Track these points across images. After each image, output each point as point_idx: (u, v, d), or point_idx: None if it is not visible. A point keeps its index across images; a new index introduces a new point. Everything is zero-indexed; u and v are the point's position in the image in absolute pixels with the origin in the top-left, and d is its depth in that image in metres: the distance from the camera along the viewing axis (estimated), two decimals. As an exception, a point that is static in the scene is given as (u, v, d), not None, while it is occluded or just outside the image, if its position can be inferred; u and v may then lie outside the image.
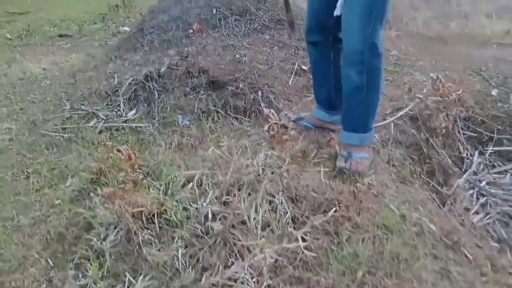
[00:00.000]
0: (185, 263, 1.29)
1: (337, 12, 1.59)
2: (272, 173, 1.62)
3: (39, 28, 4.28)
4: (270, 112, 1.71)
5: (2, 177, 1.77)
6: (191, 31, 2.68)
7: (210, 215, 1.40)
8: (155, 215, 1.42)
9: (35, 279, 1.27)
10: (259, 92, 2.29)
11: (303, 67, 2.53)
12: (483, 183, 1.96)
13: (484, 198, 1.88)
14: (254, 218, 1.40)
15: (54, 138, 2.05)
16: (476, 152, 2.10)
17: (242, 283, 1.23)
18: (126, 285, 1.25)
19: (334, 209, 1.48)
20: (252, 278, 1.24)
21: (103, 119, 2.20)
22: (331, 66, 1.80)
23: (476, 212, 1.81)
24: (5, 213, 1.55)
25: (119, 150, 1.50)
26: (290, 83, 2.40)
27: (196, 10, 2.79)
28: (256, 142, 1.89)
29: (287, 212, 1.43)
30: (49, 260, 1.33)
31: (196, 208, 1.45)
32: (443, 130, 2.04)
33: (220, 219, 1.40)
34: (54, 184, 1.71)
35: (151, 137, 2.03)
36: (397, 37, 3.09)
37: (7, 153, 1.95)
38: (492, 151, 2.11)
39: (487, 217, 1.80)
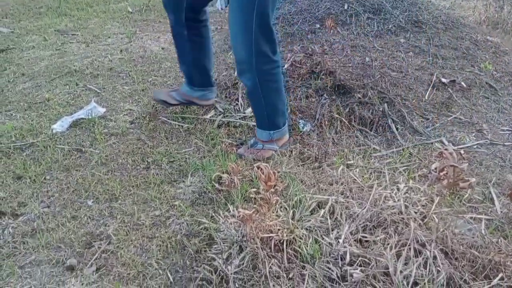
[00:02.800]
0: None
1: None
2: (416, 212, 1.32)
3: (158, 4, 4.29)
4: (448, 151, 1.38)
5: (123, 164, 1.69)
6: (318, 26, 2.40)
7: (348, 257, 1.16)
8: (284, 243, 1.21)
9: (155, 295, 1.14)
10: (390, 103, 1.96)
11: (443, 79, 2.13)
12: None
13: None
14: (401, 272, 1.12)
15: (174, 126, 1.94)
16: None
17: None
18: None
19: (500, 276, 1.15)
20: None
21: (221, 112, 2.04)
22: (187, 44, 1.80)
23: None
24: (125, 207, 1.46)
25: (259, 167, 1.30)
26: (426, 97, 2.03)
27: (326, 4, 2.49)
28: (391, 167, 1.59)
29: (440, 271, 1.14)
30: (169, 275, 1.19)
31: (330, 244, 1.21)
32: None
33: (359, 264, 1.15)
34: (174, 180, 1.59)
35: (268, 140, 1.83)
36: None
37: (127, 137, 1.88)
38: None
39: None
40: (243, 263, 1.18)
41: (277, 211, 1.31)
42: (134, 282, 1.18)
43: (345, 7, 2.45)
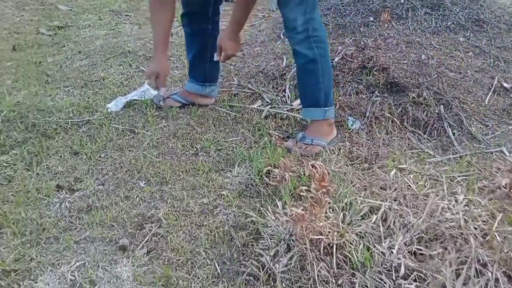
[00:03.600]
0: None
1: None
2: (476, 228, 1.20)
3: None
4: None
5: (173, 148, 1.65)
6: (371, 18, 2.23)
7: (402, 270, 1.07)
8: (334, 246, 1.13)
9: (202, 285, 1.10)
10: (447, 106, 1.80)
11: (505, 84, 1.93)
12: None
13: None
14: (459, 291, 1.02)
15: (221, 114, 1.88)
16: None
17: None
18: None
19: None
20: None
21: (268, 103, 1.96)
22: (209, 40, 1.71)
23: None
24: (175, 192, 1.42)
25: (313, 166, 1.22)
26: (486, 102, 1.85)
27: (383, -4, 2.31)
28: (448, 175, 1.46)
29: (502, 294, 1.02)
30: (217, 266, 1.15)
31: (382, 253, 1.12)
32: None
33: (414, 279, 1.06)
34: (221, 169, 1.54)
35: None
36: None
37: (177, 122, 1.83)
38: None
39: None
40: (291, 263, 1.11)
41: (326, 212, 1.23)
42: (182, 269, 1.15)
43: (402, 0, 2.26)
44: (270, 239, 1.20)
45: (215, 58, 1.68)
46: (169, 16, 1.59)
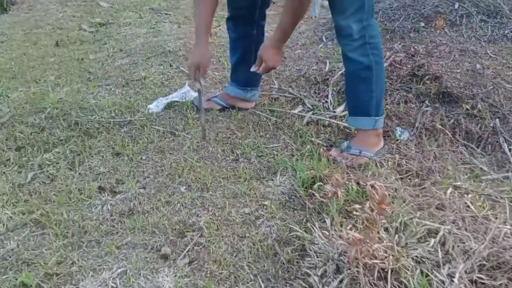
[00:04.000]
0: None
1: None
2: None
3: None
4: None
5: (213, 152, 1.61)
6: (422, 24, 2.10)
7: (465, 302, 0.97)
8: (389, 271, 1.04)
9: (247, 304, 1.05)
10: (503, 119, 1.67)
11: None
12: None
13: None
14: (530, 331, 0.92)
15: (261, 119, 1.82)
16: None
17: None
18: None
19: None
20: None
21: (309, 108, 1.88)
22: (253, 45, 1.64)
23: None
24: (216, 199, 1.38)
25: (372, 186, 1.14)
26: (547, 117, 1.69)
27: (434, 1, 2.17)
28: (508, 196, 1.34)
29: None
30: (261, 283, 1.09)
31: (441, 281, 1.03)
32: None
33: (478, 313, 0.96)
34: (262, 177, 1.48)
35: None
36: None
37: (217, 125, 1.79)
38: None
39: None
40: (341, 286, 1.04)
41: (379, 233, 1.14)
42: (225, 283, 1.10)
43: (456, 6, 2.12)
44: (317, 257, 1.13)
45: (253, 68, 1.57)
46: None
